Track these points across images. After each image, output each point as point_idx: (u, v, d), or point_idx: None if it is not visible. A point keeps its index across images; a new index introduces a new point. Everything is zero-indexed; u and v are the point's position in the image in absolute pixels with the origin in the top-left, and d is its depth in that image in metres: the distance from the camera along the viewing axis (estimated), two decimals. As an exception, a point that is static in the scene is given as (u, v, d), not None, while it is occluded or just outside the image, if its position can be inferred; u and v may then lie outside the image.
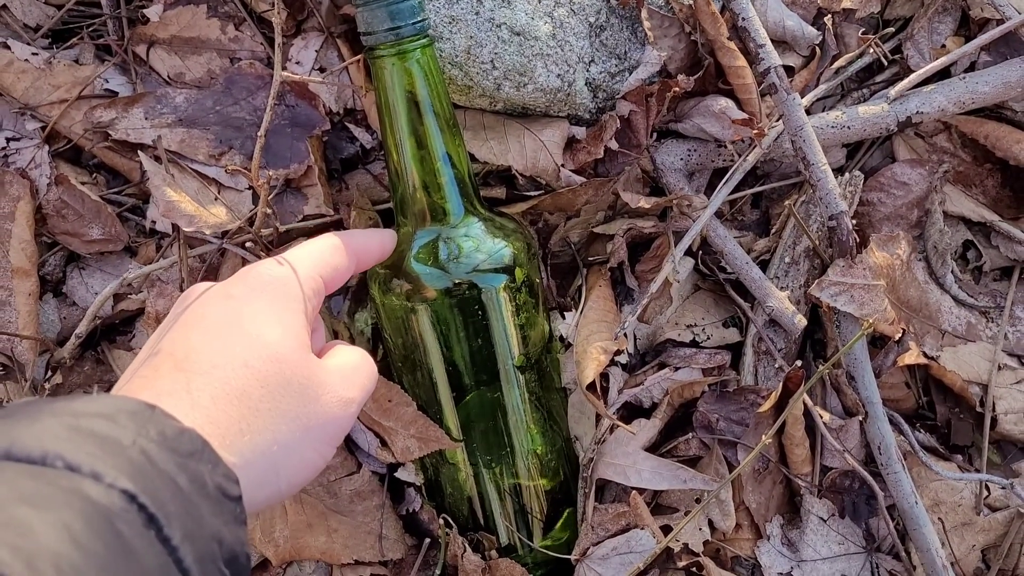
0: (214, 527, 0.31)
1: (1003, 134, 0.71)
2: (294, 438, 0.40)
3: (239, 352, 0.40)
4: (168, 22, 0.69)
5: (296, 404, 0.41)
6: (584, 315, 0.65)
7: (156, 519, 0.29)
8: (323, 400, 0.42)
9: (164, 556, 0.29)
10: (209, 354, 0.39)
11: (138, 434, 0.31)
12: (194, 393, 0.37)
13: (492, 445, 0.62)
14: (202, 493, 0.32)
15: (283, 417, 0.40)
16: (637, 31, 0.66)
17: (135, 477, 0.29)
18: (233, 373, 0.39)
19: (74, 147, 0.69)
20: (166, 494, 0.30)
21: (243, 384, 0.39)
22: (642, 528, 0.62)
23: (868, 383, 0.65)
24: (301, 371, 0.42)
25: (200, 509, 0.31)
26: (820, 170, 0.63)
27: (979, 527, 0.67)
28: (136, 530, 0.28)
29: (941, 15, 0.72)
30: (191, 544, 0.30)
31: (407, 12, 0.53)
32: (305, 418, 0.41)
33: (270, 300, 0.44)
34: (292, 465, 0.40)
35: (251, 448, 0.38)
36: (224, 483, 0.33)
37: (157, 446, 0.31)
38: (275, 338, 0.42)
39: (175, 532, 0.29)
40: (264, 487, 0.39)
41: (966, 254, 0.74)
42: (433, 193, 0.58)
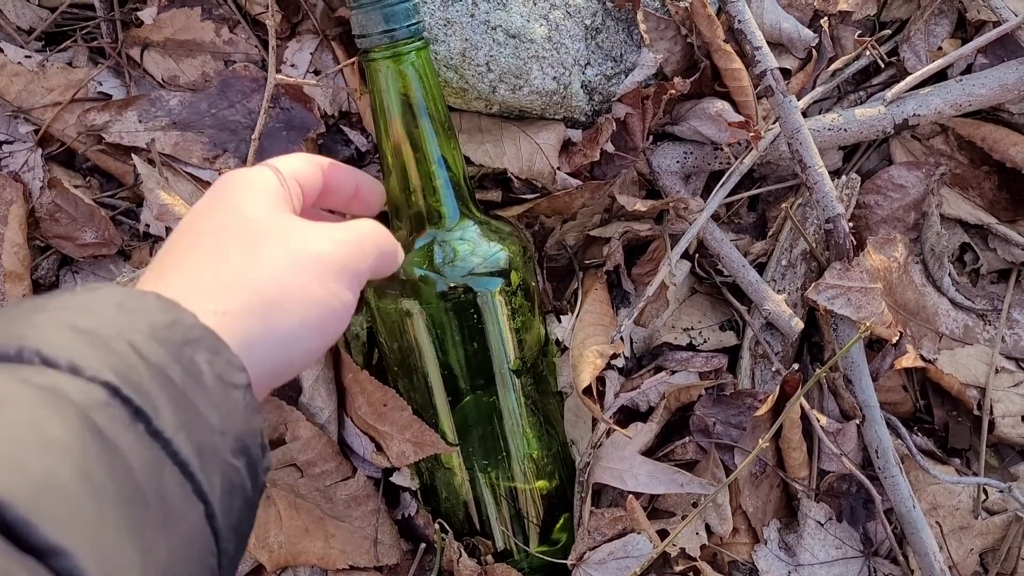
0: (215, 419, 0.30)
1: (1000, 136, 0.71)
2: (288, 280, 0.37)
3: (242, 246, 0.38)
4: (162, 25, 0.68)
5: (282, 246, 0.39)
6: (580, 319, 0.65)
7: (143, 412, 0.27)
8: (310, 235, 0.40)
9: (155, 450, 0.27)
10: (214, 252, 0.38)
11: (124, 325, 0.29)
12: (227, 293, 0.35)
13: (488, 449, 0.61)
14: (199, 384, 0.30)
15: (274, 265, 0.38)
16: (633, 33, 0.66)
17: (119, 370, 0.27)
18: (233, 260, 0.37)
19: (67, 150, 0.69)
20: (155, 386, 0.28)
21: (242, 269, 0.37)
22: (639, 532, 0.62)
23: (865, 386, 0.65)
24: (289, 222, 0.40)
25: (197, 401, 0.29)
26: (816, 173, 0.63)
27: (977, 531, 0.66)
28: (120, 424, 0.26)
29: (938, 17, 0.72)
30: (188, 436, 0.28)
31: (402, 15, 0.53)
32: (294, 254, 0.38)
33: (260, 191, 0.42)
34: (296, 310, 0.37)
35: (260, 326, 0.35)
36: (226, 372, 0.31)
37: (146, 337, 0.29)
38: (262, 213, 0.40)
39: (167, 424, 0.27)
40: (276, 354, 0.36)
41: (963, 257, 0.74)
42: (428, 196, 0.58)
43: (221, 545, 0.29)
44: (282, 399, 0.64)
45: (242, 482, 0.31)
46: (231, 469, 0.30)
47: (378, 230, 0.45)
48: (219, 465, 0.30)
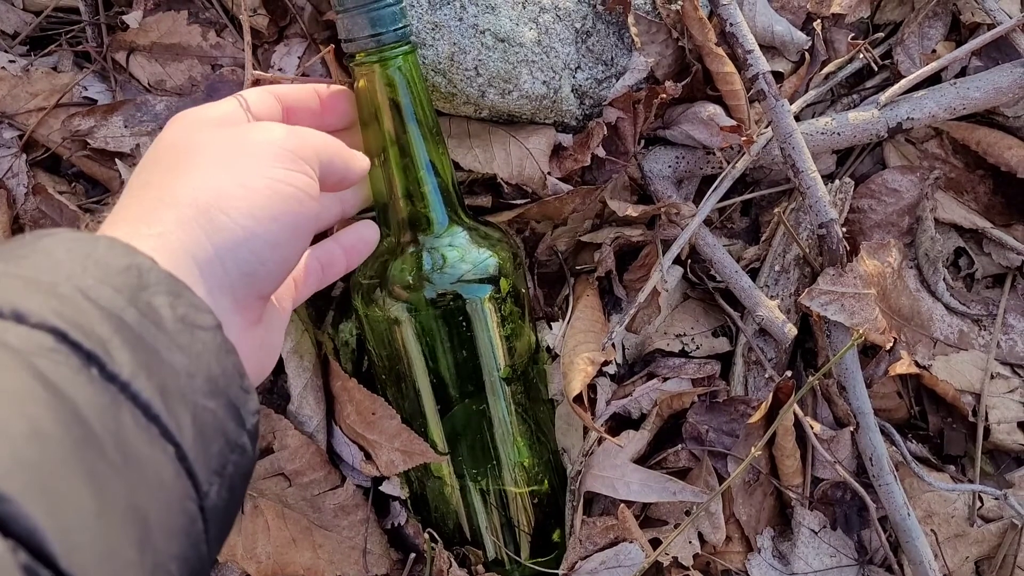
0: (179, 361, 0.29)
1: (995, 140, 0.70)
2: (222, 181, 0.36)
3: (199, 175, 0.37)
4: (148, 29, 0.68)
5: (207, 153, 0.38)
6: (571, 325, 0.64)
7: (96, 356, 0.26)
8: (240, 134, 0.39)
9: (112, 393, 0.26)
10: (171, 185, 0.36)
11: (74, 272, 0.28)
12: (157, 215, 0.34)
13: (478, 458, 0.61)
14: (159, 326, 0.29)
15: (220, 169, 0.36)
16: (624, 37, 0.65)
17: (66, 315, 0.26)
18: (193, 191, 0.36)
19: (52, 156, 0.68)
20: (108, 330, 0.27)
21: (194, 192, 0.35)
22: (631, 541, 0.61)
23: (859, 393, 0.64)
24: (217, 131, 0.39)
25: (156, 344, 0.28)
26: (810, 177, 0.62)
27: (972, 538, 0.66)
28: (69, 370, 0.25)
29: (932, 20, 0.71)
30: (148, 377, 0.27)
31: (388, 19, 0.52)
32: (224, 155, 0.37)
33: (185, 121, 0.41)
34: (240, 206, 0.35)
35: (204, 236, 0.34)
36: (189, 313, 0.30)
37: (98, 282, 0.28)
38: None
39: (123, 368, 0.27)
40: (239, 259, 0.35)
41: (958, 261, 0.73)
42: (416, 202, 0.57)
43: (201, 488, 0.28)
44: (270, 407, 0.63)
45: (220, 424, 0.30)
46: (204, 411, 0.29)
47: (329, 138, 0.44)
48: (189, 407, 0.29)
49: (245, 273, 0.35)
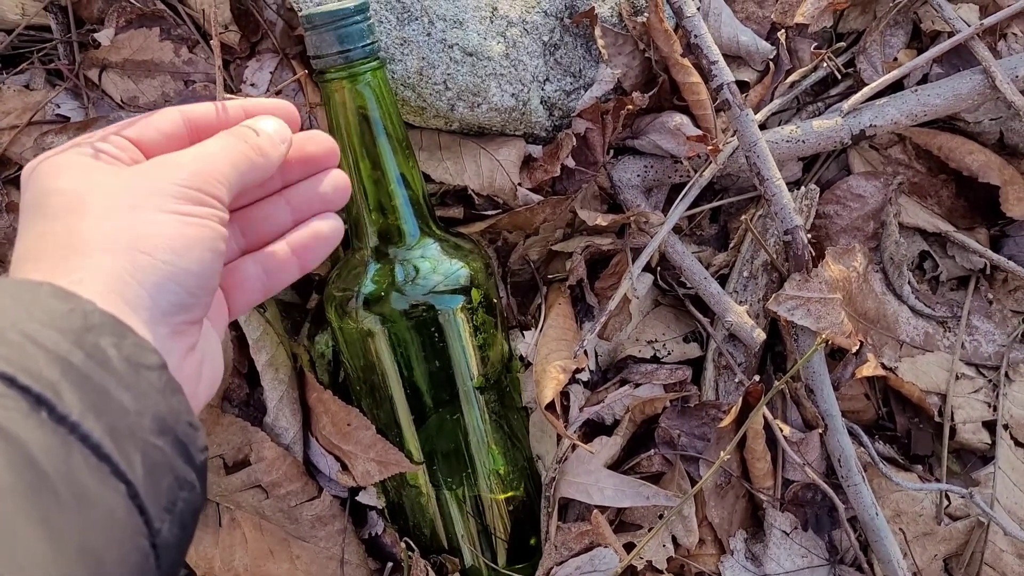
0: (128, 401, 0.29)
1: (956, 145, 0.72)
2: (131, 224, 0.35)
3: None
4: (120, 46, 0.68)
5: (110, 198, 0.36)
6: (544, 334, 0.65)
7: (44, 398, 0.26)
8: (138, 175, 0.37)
9: (61, 435, 0.26)
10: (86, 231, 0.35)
11: (19, 316, 0.28)
12: (71, 264, 0.34)
13: (454, 466, 0.61)
14: (106, 368, 0.29)
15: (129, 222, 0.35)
16: (591, 49, 0.66)
17: (13, 360, 0.27)
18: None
19: (25, 173, 0.68)
20: (56, 373, 0.27)
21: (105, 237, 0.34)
22: (605, 546, 0.62)
23: (827, 396, 0.65)
24: (110, 175, 0.37)
25: (106, 384, 0.29)
26: (775, 185, 0.63)
27: (940, 536, 0.67)
28: (19, 414, 0.26)
29: (893, 28, 0.73)
30: (96, 418, 0.27)
31: (356, 35, 0.53)
32: (126, 198, 0.36)
33: (65, 165, 0.38)
34: (157, 244, 0.35)
35: (129, 278, 0.33)
36: (135, 353, 0.31)
37: (43, 326, 0.28)
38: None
39: (71, 408, 0.27)
40: (166, 294, 0.34)
41: (923, 264, 0.75)
42: (388, 215, 0.58)
43: (153, 525, 0.28)
44: (246, 419, 0.63)
45: (169, 461, 0.30)
46: (153, 449, 0.30)
47: (234, 144, 0.41)
48: (139, 445, 0.29)
49: (175, 304, 0.35)
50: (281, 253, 0.46)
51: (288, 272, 0.46)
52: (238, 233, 0.46)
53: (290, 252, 0.46)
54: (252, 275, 0.45)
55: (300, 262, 0.46)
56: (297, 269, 0.46)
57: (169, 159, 0.39)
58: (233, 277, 0.45)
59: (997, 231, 0.75)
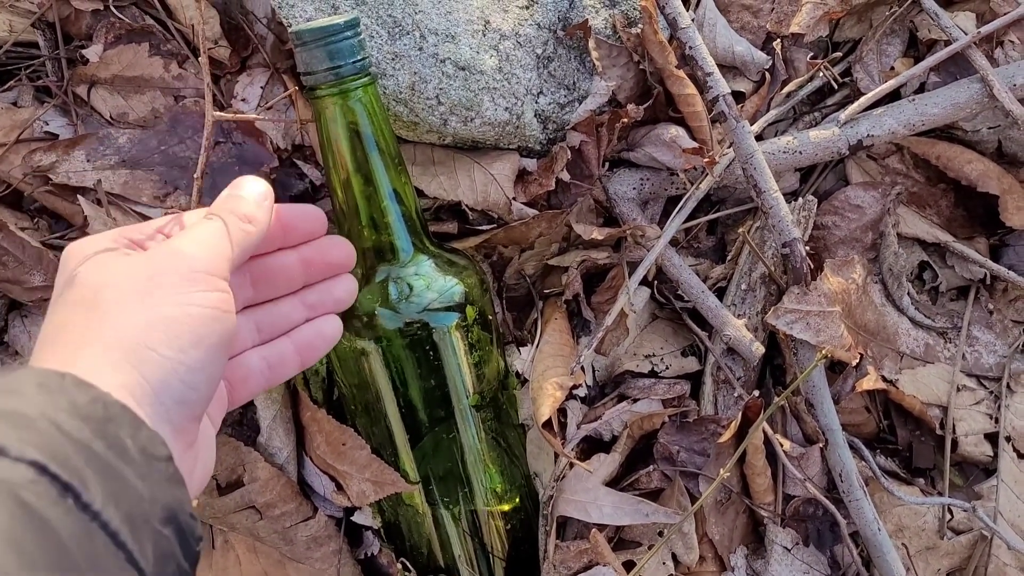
0: (143, 490, 0.31)
1: (954, 154, 0.71)
2: (138, 317, 0.36)
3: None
4: (109, 62, 0.67)
5: (119, 290, 0.37)
6: (540, 349, 0.64)
7: (72, 487, 0.28)
8: (142, 265, 0.38)
9: (86, 523, 0.28)
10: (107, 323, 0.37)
11: (46, 405, 0.30)
12: (85, 358, 0.35)
13: (450, 485, 0.60)
14: (124, 457, 0.31)
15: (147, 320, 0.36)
16: (585, 61, 0.66)
17: (44, 448, 0.28)
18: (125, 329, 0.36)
19: (14, 192, 0.67)
20: (80, 461, 0.29)
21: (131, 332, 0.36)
22: (605, 565, 0.61)
23: (827, 410, 0.64)
24: (121, 266, 0.39)
25: (124, 473, 0.30)
26: (772, 197, 0.63)
27: (943, 551, 0.66)
28: (49, 501, 0.27)
29: (889, 37, 0.72)
30: (116, 507, 0.29)
31: (347, 51, 0.52)
32: (133, 291, 0.37)
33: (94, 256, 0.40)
34: (162, 339, 0.36)
35: (135, 373, 0.35)
36: (148, 445, 0.32)
37: (68, 415, 0.30)
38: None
39: (95, 497, 0.29)
40: (172, 389, 0.36)
41: (922, 275, 0.74)
42: (381, 231, 0.57)
43: None
44: (240, 439, 0.62)
45: (173, 551, 0.32)
46: (162, 538, 0.31)
47: (223, 224, 0.42)
48: (150, 534, 0.31)
49: (179, 401, 0.36)
50: (286, 350, 0.48)
51: (289, 368, 0.48)
52: (254, 329, 0.48)
53: (294, 349, 0.48)
54: (256, 369, 0.47)
55: (301, 359, 0.48)
56: (298, 365, 0.48)
57: (173, 243, 0.40)
58: (238, 370, 0.46)
59: (996, 241, 0.74)
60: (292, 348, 0.48)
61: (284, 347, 0.48)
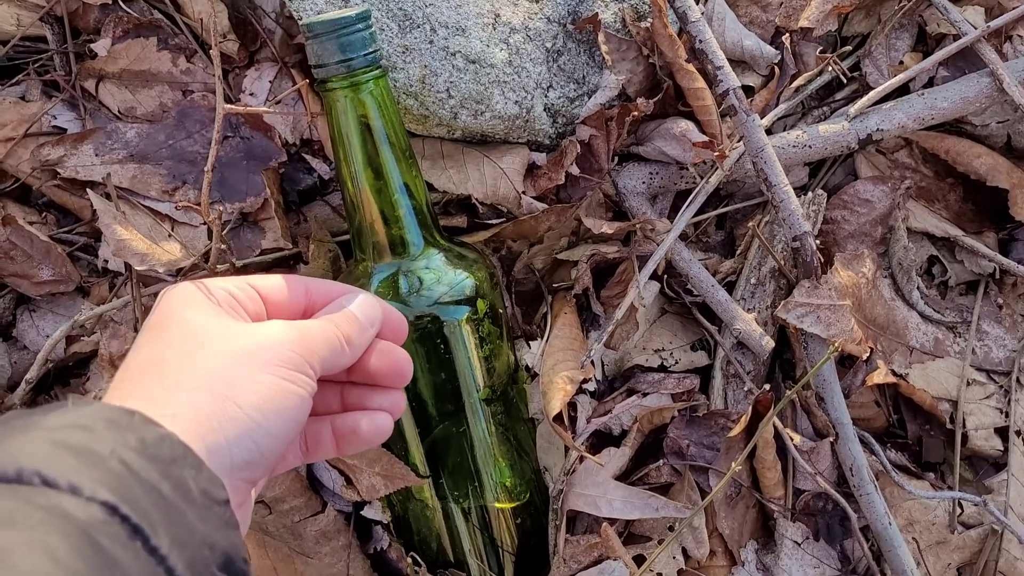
0: (203, 532, 0.31)
1: (963, 149, 0.71)
2: (235, 373, 0.38)
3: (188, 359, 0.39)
4: (117, 56, 0.67)
5: (223, 343, 0.39)
6: (550, 343, 0.64)
7: (141, 529, 0.28)
8: (254, 331, 0.40)
9: (153, 566, 0.28)
10: (176, 367, 0.38)
11: (117, 443, 0.30)
12: (171, 397, 0.36)
13: (460, 479, 0.60)
14: (187, 499, 0.31)
15: (217, 366, 0.38)
16: (595, 55, 0.65)
17: (116, 488, 0.28)
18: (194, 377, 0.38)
19: (22, 186, 0.67)
20: (149, 503, 0.29)
21: (198, 379, 0.37)
22: (615, 559, 0.61)
23: (837, 404, 0.64)
24: (231, 323, 0.41)
25: (187, 516, 0.30)
26: (782, 191, 0.63)
27: (954, 545, 0.66)
28: (120, 542, 0.27)
29: (898, 31, 0.72)
30: (180, 552, 0.29)
31: (358, 43, 0.52)
32: (238, 348, 0.39)
33: (199, 298, 0.42)
34: (249, 400, 0.37)
35: (216, 422, 0.36)
36: (209, 487, 0.32)
37: (137, 454, 0.30)
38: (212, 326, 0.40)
39: (163, 541, 0.29)
40: (241, 448, 0.37)
41: (931, 269, 0.74)
42: (391, 225, 0.57)
43: None
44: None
45: None
46: None
47: (328, 328, 0.44)
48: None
49: (245, 461, 0.37)
50: (324, 434, 0.47)
51: (324, 452, 0.48)
52: None
53: (331, 436, 0.47)
54: (294, 450, 0.47)
55: (338, 447, 0.48)
56: (333, 451, 0.48)
57: (282, 325, 0.42)
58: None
59: (1006, 235, 0.74)
60: (330, 435, 0.47)
61: (324, 434, 0.47)
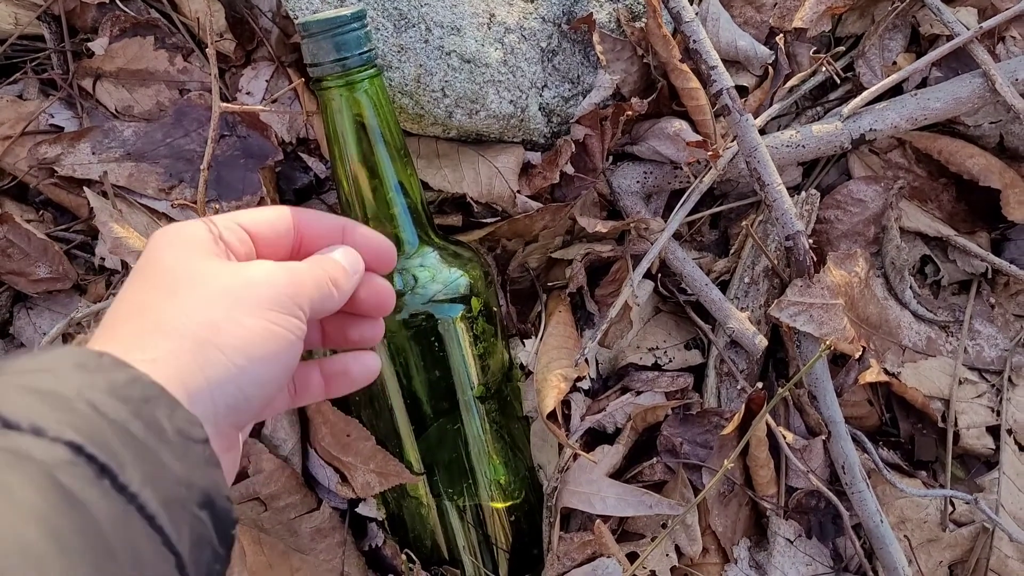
0: (180, 472, 0.30)
1: (956, 149, 0.72)
2: (218, 317, 0.36)
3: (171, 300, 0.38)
4: (114, 55, 0.67)
5: (205, 286, 0.38)
6: (544, 342, 0.65)
7: (108, 468, 0.28)
8: (239, 272, 0.39)
9: (123, 504, 0.28)
10: (157, 309, 0.37)
11: (84, 385, 0.30)
12: (150, 341, 0.35)
13: (454, 477, 0.61)
14: (161, 438, 0.30)
15: (209, 305, 0.37)
16: (590, 55, 0.66)
17: (81, 428, 0.28)
18: (176, 318, 0.36)
19: (19, 184, 0.67)
20: (118, 442, 0.29)
21: (184, 321, 0.36)
22: (608, 556, 0.62)
23: (830, 402, 0.65)
24: (216, 265, 0.39)
25: (161, 455, 0.30)
26: (775, 190, 0.63)
27: (945, 543, 0.67)
28: (86, 481, 0.27)
29: (892, 32, 0.73)
30: (153, 490, 0.29)
31: (353, 43, 0.52)
32: (221, 292, 0.37)
33: (183, 242, 0.40)
34: (234, 344, 0.36)
35: (197, 368, 0.35)
36: (186, 427, 0.32)
37: (106, 395, 0.30)
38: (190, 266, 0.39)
39: (132, 479, 0.28)
40: (226, 393, 0.36)
41: (924, 269, 0.74)
42: (386, 223, 0.57)
43: None
44: (244, 432, 0.63)
45: (209, 535, 0.31)
46: (198, 522, 0.31)
47: (316, 269, 0.43)
48: (187, 517, 0.30)
49: (230, 406, 0.36)
50: (313, 376, 0.47)
51: (314, 394, 0.47)
52: None
53: (320, 378, 0.47)
54: (282, 394, 0.46)
55: (328, 389, 0.47)
56: (322, 393, 0.48)
57: (271, 266, 0.40)
58: None
59: (998, 235, 0.75)
60: (319, 377, 0.47)
61: (314, 376, 0.47)
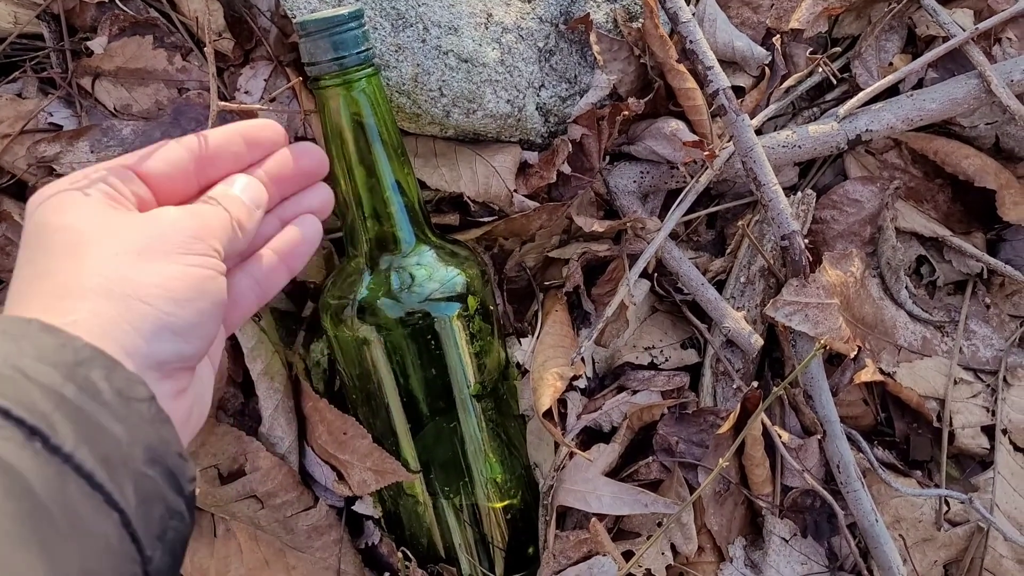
0: (120, 431, 0.30)
1: (952, 150, 0.72)
2: (132, 269, 0.35)
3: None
4: (113, 54, 0.68)
5: (113, 241, 0.36)
6: (541, 340, 0.65)
7: (38, 429, 0.28)
8: (142, 221, 0.38)
9: (57, 464, 0.28)
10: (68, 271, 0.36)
11: (10, 352, 0.29)
12: (67, 305, 0.34)
13: (451, 475, 0.61)
14: (98, 399, 0.30)
15: (120, 258, 0.36)
16: (586, 55, 0.66)
17: (6, 393, 0.28)
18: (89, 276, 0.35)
19: (18, 182, 0.68)
20: (49, 405, 0.28)
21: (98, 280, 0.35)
22: (604, 555, 0.62)
23: (825, 402, 0.65)
24: (114, 218, 0.38)
25: (98, 416, 0.30)
26: (771, 190, 0.63)
27: (940, 542, 0.67)
28: (15, 444, 0.27)
29: (888, 33, 0.73)
30: (90, 449, 0.28)
31: (351, 42, 0.53)
32: (130, 243, 0.36)
33: (73, 200, 0.39)
34: (155, 293, 0.35)
35: (125, 323, 0.34)
36: (125, 386, 0.31)
37: (34, 361, 0.29)
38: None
39: (66, 439, 0.28)
40: (162, 341, 0.35)
41: (920, 269, 0.74)
42: (384, 222, 0.58)
43: (145, 553, 0.29)
44: (241, 429, 0.63)
45: (160, 491, 0.31)
46: (145, 479, 0.31)
47: (221, 213, 0.42)
48: (131, 475, 0.30)
49: (171, 352, 0.36)
50: (268, 259, 0.46)
51: (278, 278, 0.47)
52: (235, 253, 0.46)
53: (277, 259, 0.46)
54: (245, 288, 0.46)
55: (288, 266, 0.47)
56: (286, 273, 0.47)
57: (176, 212, 0.40)
58: (228, 295, 0.44)
59: (994, 235, 0.75)
60: (275, 258, 0.46)
61: (267, 256, 0.46)
